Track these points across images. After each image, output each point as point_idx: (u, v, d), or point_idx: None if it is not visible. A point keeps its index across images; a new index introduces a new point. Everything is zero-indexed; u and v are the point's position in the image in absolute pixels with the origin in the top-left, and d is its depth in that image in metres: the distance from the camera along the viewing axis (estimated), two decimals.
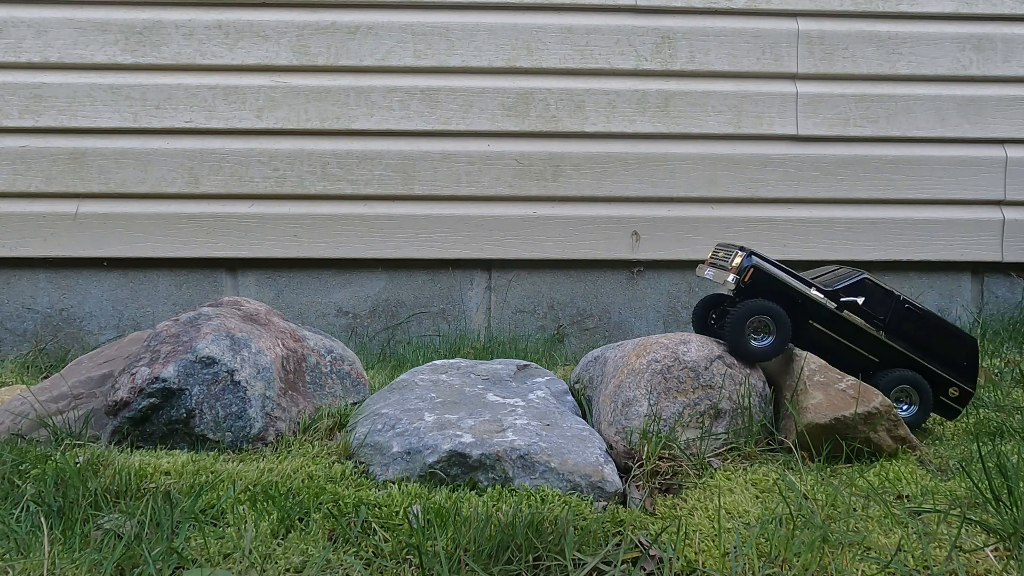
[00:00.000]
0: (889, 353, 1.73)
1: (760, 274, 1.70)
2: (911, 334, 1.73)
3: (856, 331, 1.72)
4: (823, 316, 1.71)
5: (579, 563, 1.17)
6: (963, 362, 1.75)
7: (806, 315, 1.71)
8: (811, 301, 1.70)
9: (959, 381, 1.75)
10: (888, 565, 1.15)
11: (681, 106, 2.95)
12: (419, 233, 2.91)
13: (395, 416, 1.62)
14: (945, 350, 1.75)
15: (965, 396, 1.76)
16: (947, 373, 1.75)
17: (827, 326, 1.72)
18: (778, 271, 1.71)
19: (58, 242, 2.84)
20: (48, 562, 1.15)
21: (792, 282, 1.71)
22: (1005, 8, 2.99)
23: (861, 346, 1.73)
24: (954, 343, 1.75)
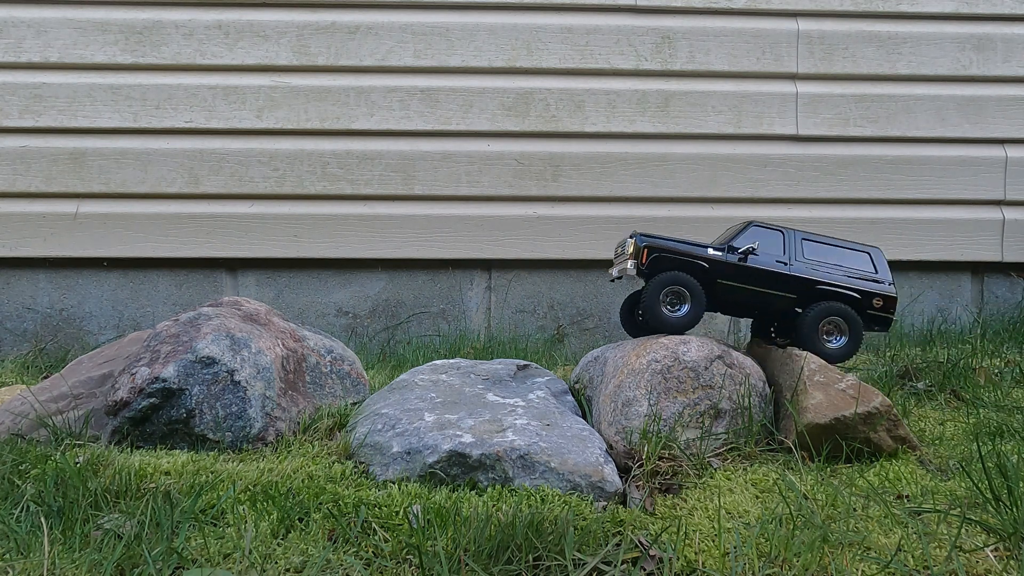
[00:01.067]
0: (802, 286, 1.73)
1: (656, 251, 1.72)
2: (816, 262, 1.74)
3: (764, 275, 1.73)
4: (729, 272, 1.73)
5: (579, 563, 1.17)
6: (872, 274, 1.76)
7: (714, 277, 1.73)
8: (713, 261, 1.72)
9: (878, 290, 1.75)
10: (888, 565, 1.15)
11: (681, 106, 2.95)
12: (419, 233, 2.91)
13: (395, 416, 1.62)
14: (853, 266, 1.75)
15: (889, 302, 1.75)
16: (865, 287, 1.75)
17: (736, 280, 1.73)
18: (673, 243, 1.74)
19: (58, 242, 2.84)
20: (48, 562, 1.15)
21: (689, 248, 1.73)
22: (1005, 8, 2.99)
23: (774, 288, 1.74)
24: (859, 261, 1.76)
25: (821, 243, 1.76)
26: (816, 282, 1.73)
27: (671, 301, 1.71)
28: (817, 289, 1.73)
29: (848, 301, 1.74)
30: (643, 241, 1.73)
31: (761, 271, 1.73)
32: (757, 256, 1.73)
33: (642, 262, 1.72)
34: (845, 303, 1.74)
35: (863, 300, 1.74)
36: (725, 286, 1.74)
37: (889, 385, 2.10)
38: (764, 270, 1.73)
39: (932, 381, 2.10)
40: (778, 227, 1.75)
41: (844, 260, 1.76)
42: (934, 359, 2.32)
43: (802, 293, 1.74)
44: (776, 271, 1.73)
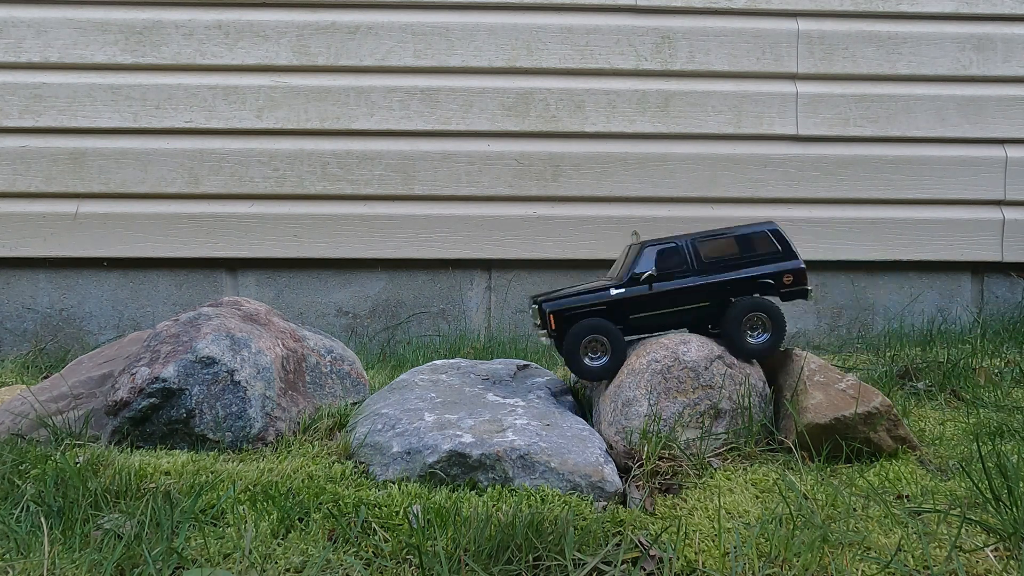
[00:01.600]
0: (714, 289, 1.71)
1: (561, 313, 1.70)
2: (718, 260, 1.71)
3: (673, 294, 1.71)
4: (638, 304, 1.71)
5: (579, 563, 1.17)
6: (776, 250, 1.73)
7: (626, 312, 1.71)
8: (619, 301, 1.70)
9: (785, 267, 1.72)
10: (888, 565, 1.15)
11: (681, 106, 2.95)
12: (419, 233, 2.91)
13: (395, 416, 1.62)
14: (756, 253, 1.72)
15: (799, 275, 1.72)
16: (772, 266, 1.72)
17: (647, 309, 1.71)
18: (575, 298, 1.71)
19: (58, 242, 2.84)
20: (48, 562, 1.15)
21: (593, 298, 1.71)
22: (1005, 8, 2.99)
23: (687, 303, 1.71)
24: (757, 239, 1.73)
25: (716, 239, 1.73)
26: (725, 282, 1.71)
27: (592, 349, 1.70)
28: (728, 288, 1.71)
29: (761, 287, 1.71)
30: (548, 307, 1.70)
31: (668, 292, 1.70)
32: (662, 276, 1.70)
33: (552, 328, 1.71)
34: (759, 290, 1.71)
35: (775, 282, 1.72)
36: (639, 317, 1.72)
37: (889, 385, 2.10)
38: (671, 290, 1.70)
39: (932, 381, 2.10)
40: (671, 239, 1.72)
41: (744, 247, 1.73)
42: (934, 359, 2.32)
43: (715, 296, 1.72)
44: (683, 286, 1.70)
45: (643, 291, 1.70)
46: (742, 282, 1.71)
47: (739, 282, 1.71)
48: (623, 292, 1.70)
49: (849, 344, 2.92)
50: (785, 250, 1.73)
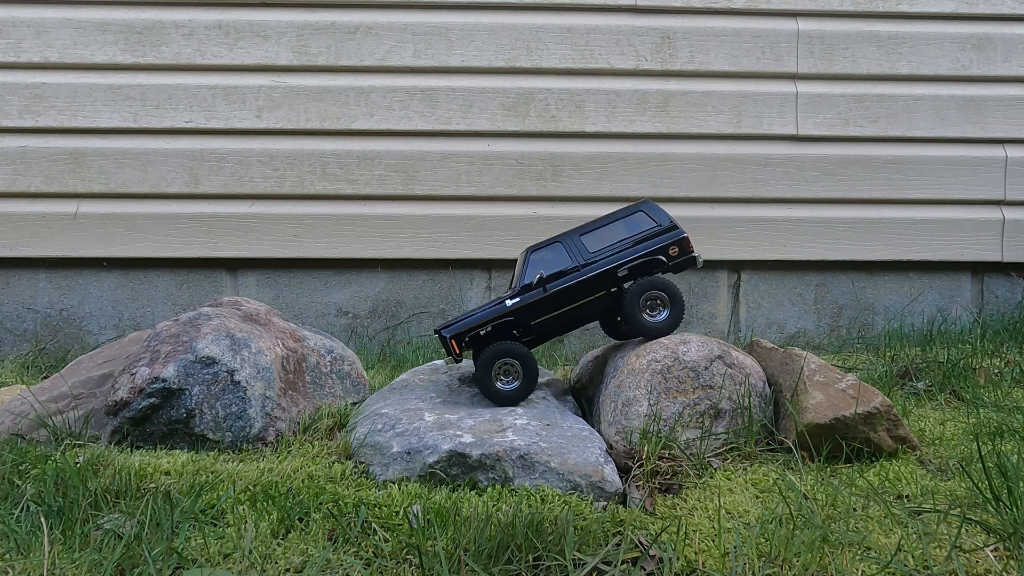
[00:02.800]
0: (606, 279, 1.71)
1: (463, 338, 1.71)
2: (604, 249, 1.72)
3: (567, 292, 1.71)
4: (539, 308, 1.71)
5: (579, 563, 1.17)
6: (655, 225, 1.74)
7: (527, 321, 1.71)
8: (517, 311, 1.70)
9: (668, 240, 1.73)
10: (888, 565, 1.15)
11: (681, 106, 2.95)
12: (419, 233, 2.91)
13: (395, 416, 1.62)
14: (636, 231, 1.73)
15: (683, 244, 1.73)
16: (655, 242, 1.72)
17: (547, 312, 1.71)
18: (473, 319, 1.71)
19: (58, 242, 2.84)
20: (48, 562, 1.15)
21: (490, 313, 1.71)
22: (1005, 8, 2.99)
23: (583, 296, 1.72)
24: (638, 221, 1.74)
25: (598, 228, 1.74)
26: (615, 267, 1.71)
27: (504, 372, 1.70)
28: (619, 274, 1.71)
29: (650, 264, 1.72)
30: (447, 332, 1.70)
31: (563, 290, 1.70)
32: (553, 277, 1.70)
33: (457, 352, 1.71)
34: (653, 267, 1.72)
35: (664, 257, 1.72)
36: (542, 322, 1.72)
37: (889, 385, 2.10)
38: (566, 287, 1.70)
39: (932, 381, 2.10)
40: (554, 239, 1.73)
41: (625, 230, 1.73)
42: (934, 359, 2.32)
43: (609, 284, 1.72)
44: (576, 280, 1.70)
45: (539, 295, 1.70)
46: (631, 264, 1.72)
47: (628, 264, 1.71)
48: (519, 301, 1.70)
49: (849, 344, 2.92)
50: (664, 224, 1.74)
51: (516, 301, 1.71)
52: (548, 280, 1.70)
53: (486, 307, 1.74)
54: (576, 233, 1.74)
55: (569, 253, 1.72)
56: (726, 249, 2.98)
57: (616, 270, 1.71)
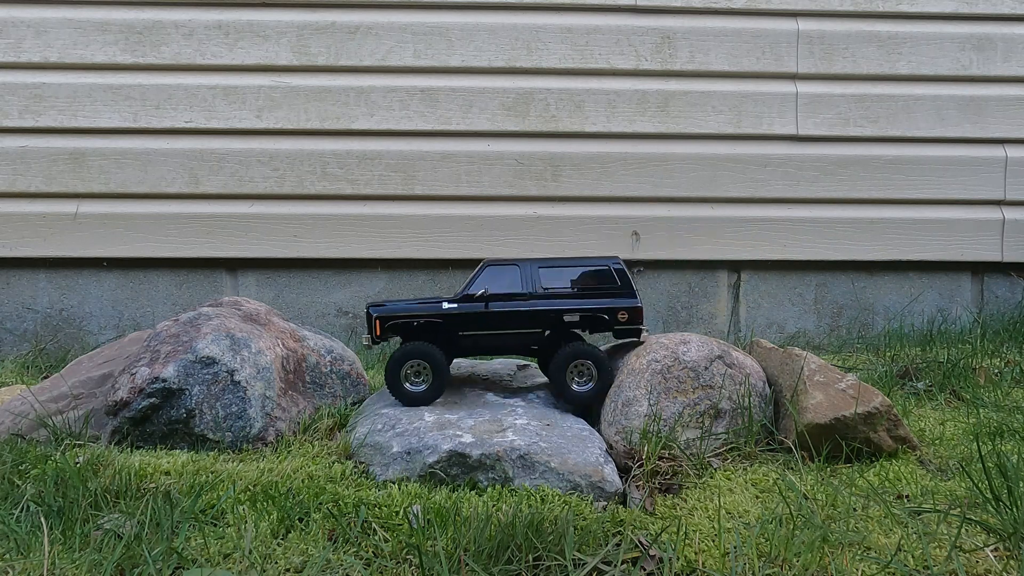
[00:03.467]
0: (548, 319, 1.69)
1: (388, 320, 1.69)
2: (557, 289, 1.70)
3: (506, 316, 1.68)
4: (469, 322, 1.68)
5: (579, 563, 1.17)
6: (615, 287, 1.70)
7: (456, 329, 1.69)
8: (450, 316, 1.67)
9: (622, 303, 1.70)
10: (888, 565, 1.15)
11: (681, 106, 2.95)
12: (419, 233, 2.91)
13: (395, 416, 1.62)
14: (595, 287, 1.70)
15: (634, 313, 1.70)
16: (608, 302, 1.70)
17: (479, 328, 1.69)
18: (405, 307, 1.69)
19: (58, 242, 2.84)
20: (48, 562, 1.15)
21: (423, 308, 1.68)
22: (1005, 8, 2.99)
23: (519, 326, 1.70)
24: (599, 277, 1.71)
25: (559, 267, 1.70)
26: (561, 312, 1.68)
27: (415, 374, 1.69)
28: (564, 319, 1.69)
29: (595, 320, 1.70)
30: (375, 311, 1.69)
31: (503, 312, 1.68)
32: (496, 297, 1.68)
33: (377, 333, 1.69)
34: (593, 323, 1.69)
35: (609, 317, 1.70)
36: (470, 336, 1.69)
37: (889, 385, 2.10)
38: (505, 312, 1.68)
39: (932, 381, 2.10)
40: (513, 261, 1.70)
41: (585, 280, 1.70)
42: (934, 359, 2.32)
43: (549, 324, 1.70)
44: (519, 309, 1.68)
45: (477, 308, 1.68)
46: (577, 312, 1.69)
47: (574, 312, 1.69)
48: (455, 308, 1.68)
49: (849, 344, 2.92)
50: (624, 286, 1.71)
51: (453, 307, 1.68)
52: (491, 298, 1.67)
53: (424, 300, 1.71)
54: (537, 264, 1.71)
55: (523, 279, 1.69)
56: (726, 249, 2.98)
57: (562, 313, 1.69)
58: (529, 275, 1.70)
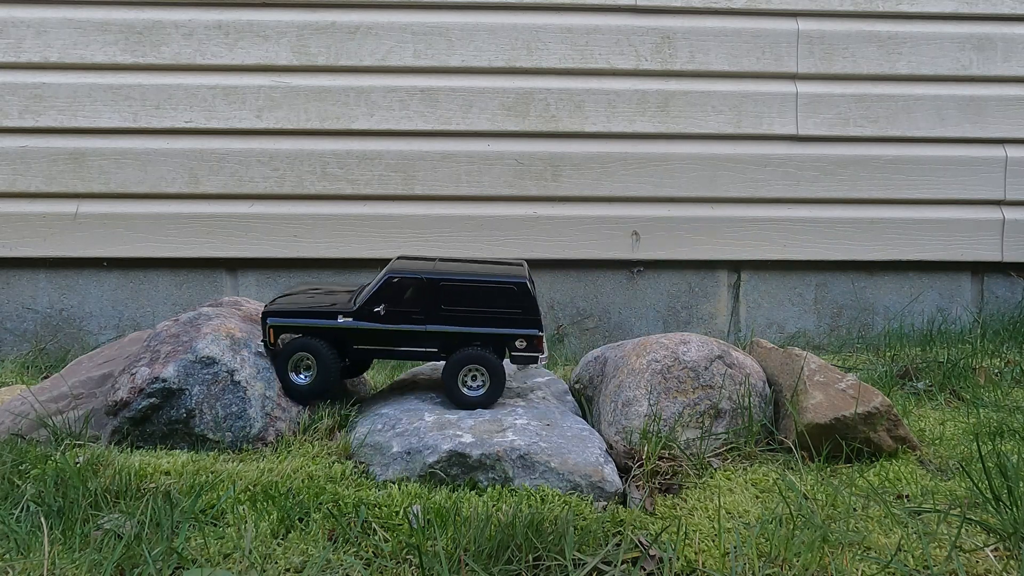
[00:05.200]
0: (442, 340, 1.66)
1: (284, 329, 1.67)
2: (455, 310, 1.65)
3: (399, 335, 1.65)
4: (362, 338, 1.66)
5: (579, 563, 1.17)
6: (518, 312, 1.65)
7: (350, 343, 1.66)
8: (343, 331, 1.65)
9: (524, 330, 1.66)
10: (888, 565, 1.15)
11: (681, 106, 2.95)
12: (419, 233, 2.91)
13: (395, 416, 1.62)
14: (497, 309, 1.65)
15: (534, 342, 1.66)
16: (507, 329, 1.66)
17: (372, 344, 1.66)
18: (296, 319, 1.67)
19: (58, 242, 2.84)
20: (48, 562, 1.15)
21: (318, 324, 1.66)
22: (1005, 8, 2.99)
23: (413, 345, 1.66)
24: (503, 298, 1.65)
25: (464, 284, 1.64)
26: (456, 334, 1.65)
27: (304, 367, 1.68)
28: (458, 341, 1.66)
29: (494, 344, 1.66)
30: (271, 321, 1.67)
31: (395, 332, 1.65)
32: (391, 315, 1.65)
33: (271, 342, 1.68)
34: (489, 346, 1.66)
35: (507, 343, 1.67)
36: (363, 350, 1.68)
37: (889, 385, 2.10)
38: (398, 331, 1.65)
39: (932, 381, 2.10)
40: (416, 273, 1.65)
41: (488, 301, 1.65)
42: (934, 359, 2.32)
43: (443, 346, 1.67)
44: (411, 329, 1.65)
45: (372, 327, 1.65)
46: (474, 337, 1.66)
47: (472, 336, 1.66)
48: (351, 322, 1.65)
49: (849, 344, 2.92)
50: (527, 311, 1.65)
51: (348, 322, 1.65)
52: (386, 317, 1.65)
53: (318, 311, 1.68)
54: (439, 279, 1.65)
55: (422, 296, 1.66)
56: (726, 249, 2.98)
57: (458, 337, 1.66)
58: (429, 292, 1.64)
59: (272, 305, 1.72)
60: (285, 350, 1.67)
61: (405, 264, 1.72)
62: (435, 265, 1.72)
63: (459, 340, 1.66)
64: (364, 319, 1.65)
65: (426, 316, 1.65)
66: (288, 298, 1.79)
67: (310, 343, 1.66)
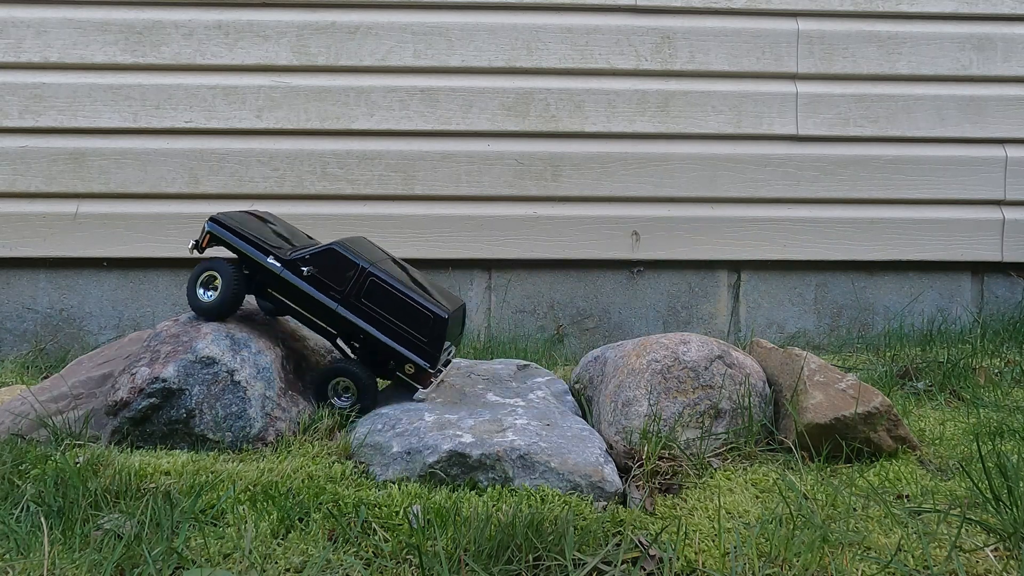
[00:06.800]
0: (346, 327, 1.68)
1: (218, 240, 1.71)
2: (372, 308, 1.66)
3: (312, 302, 1.67)
4: (278, 287, 1.69)
5: (579, 563, 1.17)
6: (423, 340, 1.67)
7: (267, 284, 1.70)
8: (264, 271, 1.68)
9: (417, 358, 1.67)
10: (888, 565, 1.15)
11: (681, 106, 2.95)
12: (419, 233, 2.91)
13: (395, 416, 1.62)
14: (407, 327, 1.66)
15: (421, 374, 1.68)
16: (405, 349, 1.67)
17: (285, 296, 1.69)
18: (234, 237, 1.69)
19: (58, 242, 2.84)
20: (48, 562, 1.15)
21: (245, 248, 1.69)
22: (1005, 8, 2.99)
23: (319, 317, 1.69)
24: (417, 321, 1.66)
25: (390, 289, 1.66)
26: (359, 329, 1.67)
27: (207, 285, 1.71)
28: (360, 336, 1.67)
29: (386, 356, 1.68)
30: (209, 227, 1.71)
31: (309, 297, 1.67)
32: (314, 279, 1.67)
33: (202, 245, 1.72)
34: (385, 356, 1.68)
35: (395, 362, 1.68)
36: (274, 297, 1.70)
37: (889, 385, 2.11)
38: (312, 297, 1.67)
39: (932, 381, 2.10)
40: (355, 258, 1.67)
41: (404, 317, 1.66)
42: (934, 359, 2.32)
43: (346, 333, 1.69)
44: (322, 303, 1.67)
45: (292, 281, 1.67)
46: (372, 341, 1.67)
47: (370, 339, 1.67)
48: (277, 267, 1.68)
49: (849, 344, 2.92)
50: (431, 344, 1.66)
51: (274, 265, 1.68)
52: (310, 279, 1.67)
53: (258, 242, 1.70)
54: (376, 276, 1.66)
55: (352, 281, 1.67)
56: (726, 249, 2.98)
57: (357, 331, 1.67)
58: (359, 281, 1.66)
59: (221, 215, 1.74)
60: (198, 267, 1.70)
61: (358, 245, 1.74)
62: (383, 261, 1.75)
63: (360, 335, 1.68)
64: (290, 271, 1.68)
65: (343, 299, 1.67)
66: (242, 217, 1.80)
67: (217, 263, 1.68)
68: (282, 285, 1.68)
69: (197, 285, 1.71)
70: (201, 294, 1.71)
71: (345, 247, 1.69)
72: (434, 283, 1.87)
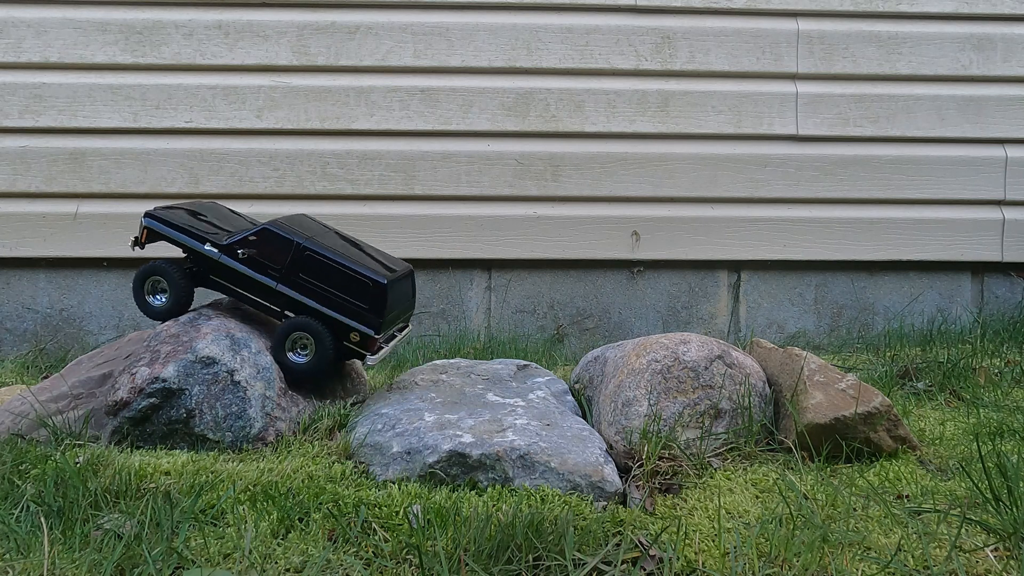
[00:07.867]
0: (288, 303, 1.70)
1: (155, 235, 1.72)
2: (311, 282, 1.68)
3: (253, 283, 1.70)
4: (220, 272, 1.71)
5: (579, 563, 1.17)
6: (364, 307, 1.67)
7: (208, 272, 1.73)
8: (205, 259, 1.71)
9: (360, 325, 1.68)
10: (888, 565, 1.15)
11: (681, 106, 2.95)
12: (419, 233, 2.91)
13: (395, 416, 1.62)
14: (348, 296, 1.67)
15: (367, 340, 1.69)
16: (347, 318, 1.68)
17: (227, 280, 1.72)
18: (171, 229, 1.71)
19: (58, 242, 2.84)
20: (48, 562, 1.15)
21: (182, 238, 1.71)
22: (1005, 8, 2.99)
23: (262, 297, 1.72)
24: (356, 290, 1.67)
25: (325, 260, 1.67)
26: (300, 304, 1.69)
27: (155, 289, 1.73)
28: (300, 310, 1.70)
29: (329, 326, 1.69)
30: (146, 222, 1.72)
31: (248, 279, 1.70)
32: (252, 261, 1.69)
33: (141, 240, 1.74)
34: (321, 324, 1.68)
35: (340, 330, 1.69)
36: (218, 283, 1.74)
37: (889, 385, 2.10)
38: (252, 279, 1.70)
39: (932, 381, 2.10)
40: (288, 235, 1.69)
41: (342, 286, 1.67)
42: (934, 359, 2.32)
43: (288, 309, 1.72)
44: (263, 282, 1.70)
45: (231, 265, 1.70)
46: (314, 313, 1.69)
47: (313, 312, 1.69)
48: (214, 253, 1.70)
49: (849, 344, 2.92)
50: (374, 310, 1.67)
51: (212, 252, 1.70)
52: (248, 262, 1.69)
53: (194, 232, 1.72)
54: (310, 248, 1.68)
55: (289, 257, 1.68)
56: (726, 249, 2.98)
57: (301, 305, 1.69)
58: (295, 256, 1.68)
59: (157, 209, 1.76)
60: (138, 276, 1.72)
61: (294, 223, 1.77)
62: (324, 235, 1.78)
63: (301, 310, 1.70)
64: (228, 256, 1.70)
65: (281, 276, 1.69)
66: (179, 211, 1.81)
67: (159, 266, 1.71)
68: (223, 270, 1.71)
69: (144, 292, 1.73)
70: (152, 300, 1.73)
71: (279, 225, 1.72)
72: (385, 254, 1.88)
